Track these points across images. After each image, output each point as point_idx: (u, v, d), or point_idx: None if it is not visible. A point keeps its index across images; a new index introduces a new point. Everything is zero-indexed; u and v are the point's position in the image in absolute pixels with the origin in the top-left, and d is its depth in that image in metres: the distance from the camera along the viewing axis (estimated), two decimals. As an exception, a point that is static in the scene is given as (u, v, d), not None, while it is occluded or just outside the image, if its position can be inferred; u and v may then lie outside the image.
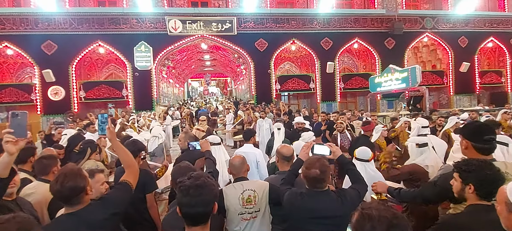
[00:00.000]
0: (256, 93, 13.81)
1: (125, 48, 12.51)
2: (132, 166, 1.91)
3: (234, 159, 2.36)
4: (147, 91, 13.00)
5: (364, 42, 14.37)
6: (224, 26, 13.14)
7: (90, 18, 12.30)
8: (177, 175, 1.96)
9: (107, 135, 1.88)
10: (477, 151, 1.82)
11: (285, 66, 15.96)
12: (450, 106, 14.70)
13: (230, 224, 2.18)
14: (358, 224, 1.06)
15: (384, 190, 2.30)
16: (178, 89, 22.92)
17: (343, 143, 5.11)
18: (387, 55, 14.25)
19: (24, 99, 12.22)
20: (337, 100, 14.42)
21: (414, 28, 14.69)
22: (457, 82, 15.29)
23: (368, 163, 2.69)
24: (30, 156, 2.62)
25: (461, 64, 14.86)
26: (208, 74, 25.92)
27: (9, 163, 1.45)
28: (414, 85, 10.44)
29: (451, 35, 15.01)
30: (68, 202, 1.54)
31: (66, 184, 1.49)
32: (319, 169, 1.82)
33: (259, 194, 2.19)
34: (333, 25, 14.02)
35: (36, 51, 11.90)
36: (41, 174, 2.36)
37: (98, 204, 1.63)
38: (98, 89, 12.92)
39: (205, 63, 20.63)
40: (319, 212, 1.84)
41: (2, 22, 11.66)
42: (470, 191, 1.50)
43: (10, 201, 1.80)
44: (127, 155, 1.93)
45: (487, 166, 1.50)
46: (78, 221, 1.52)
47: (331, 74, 14.03)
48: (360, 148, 2.82)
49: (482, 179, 1.47)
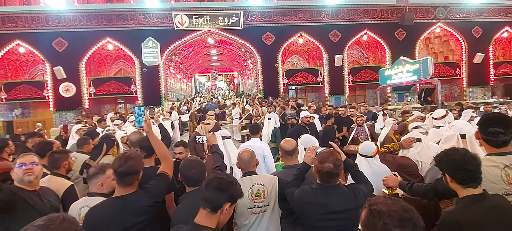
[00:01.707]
0: (263, 87, 13.76)
1: (133, 44, 12.62)
2: (167, 158, 2.05)
3: (243, 153, 2.35)
4: (155, 86, 13.12)
5: (373, 33, 14.08)
6: (231, 20, 13.07)
7: (98, 14, 12.43)
8: (186, 168, 1.97)
9: (144, 127, 2.00)
10: (486, 142, 1.78)
11: (292, 60, 15.82)
12: (463, 99, 14.32)
13: (239, 218, 2.19)
14: (368, 222, 1.03)
15: (395, 184, 2.26)
16: (185, 85, 23.06)
17: (360, 136, 5.04)
18: (397, 46, 13.93)
19: (37, 95, 12.51)
20: (346, 94, 14.23)
21: (425, 18, 14.29)
22: (470, 74, 14.85)
23: (371, 158, 2.64)
24: (48, 151, 2.72)
25: (475, 55, 14.41)
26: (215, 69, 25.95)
27: None
28: (426, 77, 10.19)
29: (465, 25, 14.53)
30: (124, 180, 1.72)
31: (128, 162, 1.70)
32: (332, 164, 1.79)
33: (268, 189, 2.18)
34: (341, 17, 13.77)
35: (47, 48, 12.14)
36: (53, 168, 2.43)
37: (142, 193, 1.78)
38: (108, 85, 13.11)
39: (212, 58, 20.65)
40: (332, 207, 1.81)
41: (14, 20, 11.91)
42: (449, 181, 1.52)
43: (32, 191, 1.86)
44: (162, 148, 2.08)
45: (453, 150, 1.53)
46: (125, 204, 1.69)
47: (339, 67, 13.83)
48: (363, 143, 2.79)
49: (449, 163, 1.50)
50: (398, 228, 0.97)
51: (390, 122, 4.56)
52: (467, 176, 1.46)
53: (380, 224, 0.99)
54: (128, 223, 1.68)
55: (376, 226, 1.00)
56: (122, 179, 1.72)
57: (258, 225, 2.15)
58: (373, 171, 2.53)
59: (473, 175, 1.46)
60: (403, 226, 0.97)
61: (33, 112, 13.56)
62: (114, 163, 1.75)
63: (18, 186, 1.84)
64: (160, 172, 1.96)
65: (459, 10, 14.47)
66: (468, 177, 1.46)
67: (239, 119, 10.41)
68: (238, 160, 2.36)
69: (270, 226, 2.17)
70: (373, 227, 1.01)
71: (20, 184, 1.84)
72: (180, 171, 2.00)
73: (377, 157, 2.67)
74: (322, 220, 1.82)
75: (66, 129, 5.85)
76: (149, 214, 1.78)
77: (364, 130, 5.18)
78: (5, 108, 12.79)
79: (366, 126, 5.27)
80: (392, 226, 0.98)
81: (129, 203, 1.70)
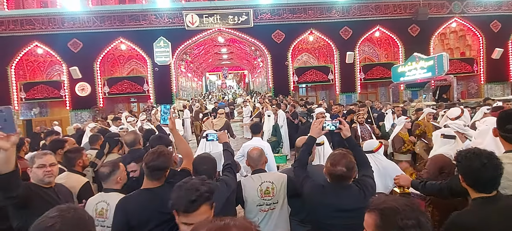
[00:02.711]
0: (274, 85, 13.73)
1: (145, 44, 12.85)
2: (189, 155, 2.13)
3: (252, 151, 2.37)
4: (167, 85, 13.33)
5: (386, 30, 13.78)
6: (241, 19, 13.09)
7: (111, 15, 12.72)
8: (198, 164, 2.03)
9: (168, 125, 2.09)
10: (504, 140, 1.72)
11: (302, 58, 15.69)
12: (481, 96, 13.82)
13: (248, 215, 2.21)
14: (383, 223, 1.00)
15: (407, 183, 2.22)
16: (196, 83, 23.29)
17: (364, 135, 4.97)
18: (411, 43, 13.57)
19: (54, 95, 12.95)
20: (357, 92, 14.01)
21: (440, 13, 13.85)
22: (488, 70, 14.31)
23: (375, 153, 2.61)
24: (59, 148, 2.84)
25: (494, 50, 13.84)
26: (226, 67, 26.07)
27: (7, 158, 1.47)
28: (441, 74, 9.93)
29: (482, 20, 13.99)
30: (154, 174, 1.79)
31: (161, 158, 1.78)
32: (345, 167, 1.74)
33: (277, 186, 2.19)
34: (352, 13, 13.54)
35: (63, 49, 12.54)
36: (68, 166, 2.53)
37: (169, 186, 1.82)
38: (121, 84, 13.43)
39: (222, 57, 20.75)
40: (341, 206, 1.80)
41: (32, 22, 12.35)
42: (462, 181, 1.49)
43: (48, 188, 1.96)
44: (185, 145, 2.17)
45: (473, 156, 1.44)
46: (154, 196, 1.77)
47: (350, 64, 13.62)
48: (367, 141, 2.78)
49: (465, 170, 1.46)
50: (413, 220, 0.95)
51: (403, 120, 4.46)
52: (479, 184, 1.41)
53: (397, 220, 0.96)
54: (155, 214, 1.74)
55: (391, 223, 0.97)
56: (152, 173, 1.79)
57: (267, 222, 2.16)
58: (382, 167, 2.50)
59: (489, 183, 1.40)
60: (419, 219, 0.96)
61: (50, 111, 14.05)
62: (146, 157, 1.82)
63: (35, 183, 1.92)
64: (182, 168, 2.07)
65: (476, 4, 13.94)
66: (481, 185, 1.41)
67: (249, 117, 10.45)
68: (248, 157, 2.38)
69: (279, 223, 2.18)
70: (390, 225, 0.98)
71: (38, 183, 1.93)
72: (193, 167, 2.05)
73: (380, 152, 2.64)
74: (331, 218, 1.81)
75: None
76: None
77: (366, 128, 5.10)
78: (25, 108, 13.30)
79: (367, 124, 5.21)
80: (406, 219, 0.95)
81: (157, 194, 1.78)
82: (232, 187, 2.10)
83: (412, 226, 0.94)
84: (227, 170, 2.24)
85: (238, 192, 2.19)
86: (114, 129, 4.94)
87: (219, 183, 2.05)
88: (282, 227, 2.20)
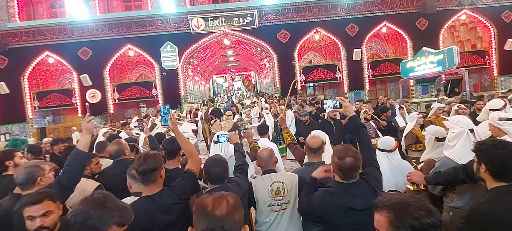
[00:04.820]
0: (281, 86, 13.69)
1: (152, 49, 13.02)
2: (194, 156, 2.12)
3: (262, 151, 2.37)
4: (175, 89, 13.47)
5: (393, 25, 13.57)
6: (245, 20, 13.13)
7: (118, 22, 12.94)
8: (210, 166, 2.03)
9: (169, 126, 2.08)
10: None
11: (309, 57, 15.59)
12: (494, 89, 13.44)
13: (260, 216, 2.21)
14: (397, 219, 0.99)
15: (421, 180, 2.17)
16: (203, 86, 23.44)
17: (369, 132, 4.91)
18: (419, 37, 13.31)
19: (66, 103, 13.25)
20: (366, 89, 13.83)
21: (449, 5, 13.55)
22: (501, 61, 13.90)
23: (391, 153, 2.54)
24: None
25: (506, 41, 13.45)
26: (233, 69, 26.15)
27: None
28: (452, 67, 9.71)
29: (493, 10, 13.61)
30: (147, 178, 1.78)
31: (147, 160, 1.78)
32: (353, 157, 1.75)
33: (288, 186, 2.18)
34: (358, 10, 13.39)
35: (74, 57, 12.82)
36: None
37: (169, 191, 1.86)
38: (130, 90, 13.64)
39: (229, 59, 20.83)
40: (353, 206, 1.79)
41: (43, 33, 12.68)
42: (482, 170, 1.47)
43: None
44: (189, 145, 2.14)
45: (500, 145, 1.45)
46: (154, 203, 1.77)
47: (358, 61, 13.46)
48: (383, 137, 2.69)
49: (491, 158, 1.44)
50: (424, 210, 0.98)
51: (415, 116, 4.36)
52: (504, 172, 1.41)
53: (411, 211, 0.97)
54: (158, 221, 1.75)
55: (406, 216, 0.97)
56: (145, 177, 1.78)
57: (279, 222, 2.16)
58: (393, 166, 2.45)
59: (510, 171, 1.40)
60: (429, 208, 0.98)
61: (63, 118, 14.38)
62: (134, 164, 1.83)
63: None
64: (186, 169, 2.04)
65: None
66: (505, 173, 1.41)
67: (257, 118, 10.44)
68: (258, 158, 2.38)
69: (291, 223, 2.17)
70: (404, 218, 0.98)
71: None
72: (204, 169, 2.06)
73: (396, 151, 2.58)
74: (344, 218, 1.80)
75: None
76: (178, 212, 1.83)
77: (371, 125, 5.03)
78: (38, 116, 13.65)
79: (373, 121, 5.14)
80: (419, 210, 0.97)
81: (158, 201, 1.77)
82: (244, 188, 2.10)
83: (425, 216, 0.96)
84: (239, 171, 2.24)
85: (249, 192, 2.18)
86: (124, 135, 5.00)
87: (230, 184, 2.05)
88: (294, 227, 2.19)
